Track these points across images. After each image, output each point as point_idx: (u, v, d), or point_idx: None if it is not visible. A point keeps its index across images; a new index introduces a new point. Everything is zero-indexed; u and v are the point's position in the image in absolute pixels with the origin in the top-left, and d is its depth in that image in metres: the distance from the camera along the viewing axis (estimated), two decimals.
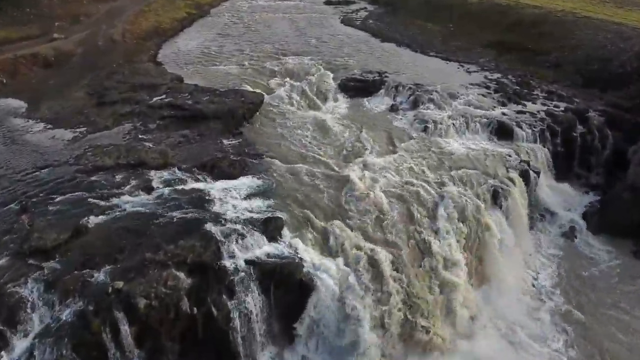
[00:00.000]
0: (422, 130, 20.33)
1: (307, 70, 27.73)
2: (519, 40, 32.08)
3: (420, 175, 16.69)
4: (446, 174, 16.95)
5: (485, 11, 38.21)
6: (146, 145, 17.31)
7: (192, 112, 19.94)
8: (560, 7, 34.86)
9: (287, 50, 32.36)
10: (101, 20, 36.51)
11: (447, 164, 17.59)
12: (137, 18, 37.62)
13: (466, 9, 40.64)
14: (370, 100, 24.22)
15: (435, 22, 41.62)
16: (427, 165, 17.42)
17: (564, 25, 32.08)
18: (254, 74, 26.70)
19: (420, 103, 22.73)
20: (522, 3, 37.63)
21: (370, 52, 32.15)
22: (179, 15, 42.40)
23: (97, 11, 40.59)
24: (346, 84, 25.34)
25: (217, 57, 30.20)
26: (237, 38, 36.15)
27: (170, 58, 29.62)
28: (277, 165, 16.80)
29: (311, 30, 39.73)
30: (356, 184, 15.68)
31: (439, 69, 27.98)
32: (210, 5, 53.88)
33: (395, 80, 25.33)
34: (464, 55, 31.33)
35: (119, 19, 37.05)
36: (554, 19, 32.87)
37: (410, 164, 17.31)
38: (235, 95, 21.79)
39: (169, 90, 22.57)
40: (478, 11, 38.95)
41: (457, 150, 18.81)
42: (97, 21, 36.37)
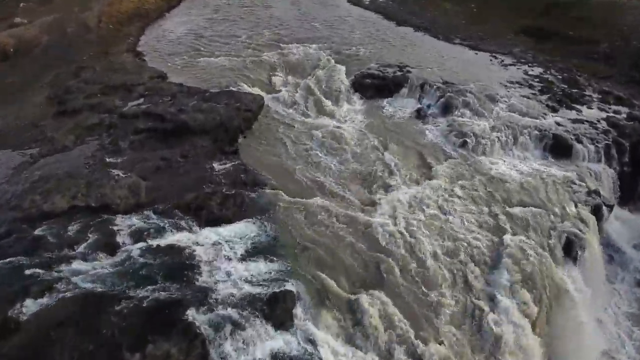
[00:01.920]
0: (460, 146, 16.47)
1: (313, 63, 23.52)
2: (556, 26, 27.75)
3: (467, 215, 12.94)
4: (500, 212, 13.22)
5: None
6: (114, 174, 13.42)
7: (174, 125, 15.96)
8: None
9: (289, 36, 27.98)
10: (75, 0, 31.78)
11: (498, 197, 13.84)
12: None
13: None
14: (391, 103, 20.20)
15: (455, 2, 36.98)
16: (474, 198, 13.67)
17: (610, 8, 27.76)
18: (251, 68, 22.47)
19: (454, 108, 18.76)
20: None
21: (385, 39, 27.80)
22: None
23: None
24: (361, 81, 21.22)
25: (208, 45, 25.83)
26: (232, 21, 31.57)
27: (153, 47, 25.26)
28: (282, 200, 13.02)
29: (315, 11, 35.07)
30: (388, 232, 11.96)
31: (469, 62, 23.82)
32: None
33: (420, 77, 21.22)
34: (494, 43, 27.05)
35: None
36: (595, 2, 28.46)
37: (453, 198, 13.54)
38: (229, 99, 17.76)
39: (148, 92, 18.49)
40: None
41: (507, 174, 15.01)
42: (70, 1, 31.63)
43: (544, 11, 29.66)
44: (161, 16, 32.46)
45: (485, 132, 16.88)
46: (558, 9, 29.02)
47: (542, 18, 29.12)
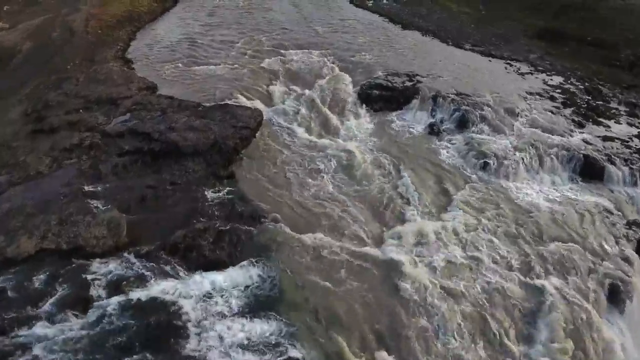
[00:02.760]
0: (481, 169, 14.86)
1: (316, 71, 21.87)
2: (572, 29, 26.18)
3: (495, 255, 11.33)
4: (531, 251, 11.62)
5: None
6: (92, 206, 11.80)
7: (163, 145, 14.31)
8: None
9: (290, 41, 26.33)
10: (63, 2, 30.05)
11: (527, 231, 12.23)
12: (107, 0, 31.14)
13: None
14: (401, 117, 18.56)
15: (462, 3, 35.35)
16: (501, 234, 12.04)
17: (629, 10, 26.17)
18: (249, 77, 20.82)
19: (470, 123, 17.15)
20: None
21: (392, 44, 26.15)
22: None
23: None
24: (368, 92, 19.56)
25: (203, 52, 24.15)
26: (229, 25, 29.87)
27: (143, 54, 23.56)
28: (284, 236, 11.43)
29: (317, 14, 33.40)
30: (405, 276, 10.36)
31: (482, 70, 22.19)
32: None
33: (431, 88, 19.58)
34: (507, 48, 25.43)
35: (85, 1, 30.58)
36: (614, 4, 26.87)
37: (477, 233, 11.93)
38: (224, 115, 16.11)
39: (136, 106, 16.81)
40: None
41: (536, 203, 13.42)
42: (59, 3, 29.90)
43: (557, 13, 28.09)
44: (154, 19, 30.75)
45: (508, 152, 15.27)
46: (573, 10, 27.43)
47: (556, 20, 27.54)
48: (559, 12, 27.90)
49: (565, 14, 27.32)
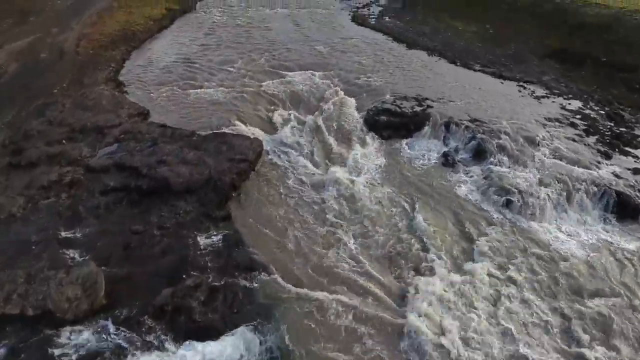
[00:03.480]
0: (504, 207, 13.44)
1: (319, 95, 20.63)
2: (587, 49, 25.05)
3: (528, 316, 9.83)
4: (569, 309, 10.12)
5: (530, 9, 31.04)
6: (67, 258, 10.37)
7: (152, 182, 12.91)
8: (634, 6, 27.71)
9: (291, 61, 25.18)
10: (56, 20, 29.00)
11: (563, 285, 10.76)
12: (101, 17, 30.12)
13: (507, 6, 33.43)
14: (412, 145, 17.23)
15: (467, 21, 34.45)
16: (533, 289, 10.57)
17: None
18: (248, 102, 19.56)
19: (488, 153, 15.79)
20: (579, 0, 30.44)
21: (397, 65, 25.01)
22: (156, 12, 34.87)
23: (53, 7, 32.99)
24: (375, 118, 18.26)
25: (200, 73, 22.94)
26: (227, 43, 28.80)
27: (137, 76, 22.33)
28: (287, 294, 9.97)
29: (318, 32, 32.41)
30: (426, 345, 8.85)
31: (495, 93, 20.95)
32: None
33: (442, 113, 18.29)
34: (520, 69, 24.27)
35: (78, 19, 29.54)
36: (631, 22, 25.81)
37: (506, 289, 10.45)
38: (221, 145, 14.76)
39: (124, 135, 15.48)
40: (523, 10, 31.77)
41: (568, 248, 11.97)
42: (50, 21, 28.85)
43: (570, 33, 27.00)
44: (150, 38, 29.68)
45: (532, 187, 13.88)
46: (587, 30, 26.32)
47: (569, 40, 26.45)
48: (571, 31, 26.85)
49: (579, 34, 26.25)
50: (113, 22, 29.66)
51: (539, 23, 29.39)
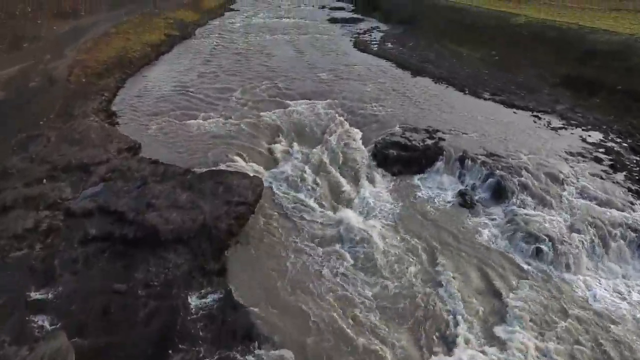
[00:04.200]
0: (533, 256, 12.01)
1: (323, 126, 19.45)
2: (599, 77, 24.08)
3: None
4: None
5: (539, 36, 30.34)
6: (34, 327, 8.84)
7: (139, 231, 11.45)
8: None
9: (293, 90, 24.17)
10: (50, 47, 28.15)
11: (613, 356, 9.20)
12: (97, 44, 29.29)
13: (511, 31, 32.83)
14: (425, 182, 15.92)
15: (472, 48, 33.82)
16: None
17: None
18: (247, 134, 18.35)
19: (509, 192, 14.44)
20: (585, 27, 29.80)
21: (404, 93, 24.00)
22: (154, 38, 34.22)
23: (49, 33, 32.30)
24: (384, 152, 17.00)
25: (197, 102, 21.85)
26: (226, 70, 27.92)
27: (131, 105, 21.20)
28: None
29: (321, 59, 31.65)
30: None
31: (509, 124, 19.81)
32: (196, 24, 45.91)
33: (456, 146, 17.06)
34: (531, 98, 23.25)
35: (73, 45, 28.71)
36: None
37: None
38: (217, 186, 13.38)
39: (111, 174, 14.13)
40: (529, 35, 31.11)
41: (613, 307, 10.48)
42: (44, 48, 27.99)
43: (580, 59, 26.11)
44: (147, 65, 28.86)
45: (563, 233, 12.49)
46: (599, 57, 25.43)
47: (581, 67, 25.53)
48: (581, 58, 25.98)
49: (591, 61, 25.36)
50: (109, 48, 28.81)
51: (547, 50, 28.60)
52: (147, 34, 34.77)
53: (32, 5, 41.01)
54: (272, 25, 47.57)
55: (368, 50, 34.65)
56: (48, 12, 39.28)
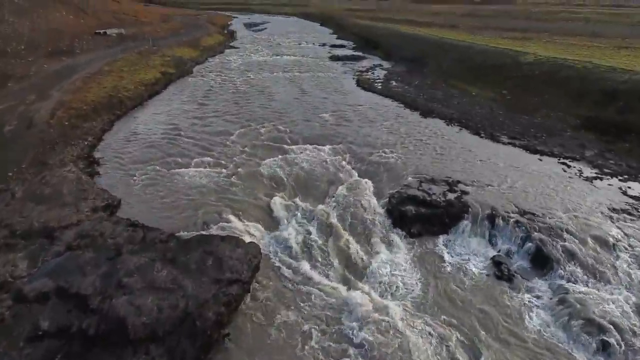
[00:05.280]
0: (599, 352, 9.57)
1: (329, 176, 17.36)
2: (625, 119, 22.35)
3: None
4: None
5: (552, 75, 28.92)
6: None
7: (102, 324, 9.04)
8: None
9: (294, 133, 22.27)
10: (36, 86, 26.47)
11: None
12: (86, 83, 27.65)
13: (522, 70, 31.47)
14: (451, 246, 13.64)
15: (481, 87, 32.38)
16: None
17: None
18: (243, 187, 16.20)
19: (554, 261, 12.15)
20: (602, 66, 28.43)
21: (415, 137, 22.09)
22: (149, 76, 32.72)
23: (39, 71, 30.78)
24: (401, 209, 14.80)
25: (189, 148, 19.84)
26: (223, 112, 26.14)
27: (115, 152, 19.17)
28: None
29: (322, 98, 30.02)
30: None
31: (536, 173, 17.75)
32: (194, 61, 44.77)
33: (482, 202, 14.92)
34: (554, 142, 21.34)
35: (61, 85, 27.05)
36: None
37: None
38: (205, 257, 11.08)
39: (80, 241, 11.83)
40: (541, 74, 29.70)
41: None
42: (30, 87, 26.29)
43: (601, 100, 24.48)
44: (139, 106, 27.09)
45: (630, 319, 10.11)
46: (620, 97, 23.79)
47: (602, 108, 23.85)
48: (602, 99, 24.35)
49: (613, 102, 23.71)
50: (99, 87, 27.15)
51: (563, 90, 27.06)
52: (142, 72, 33.33)
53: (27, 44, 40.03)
54: (272, 62, 46.55)
55: (372, 89, 33.17)
56: (42, 50, 38.17)
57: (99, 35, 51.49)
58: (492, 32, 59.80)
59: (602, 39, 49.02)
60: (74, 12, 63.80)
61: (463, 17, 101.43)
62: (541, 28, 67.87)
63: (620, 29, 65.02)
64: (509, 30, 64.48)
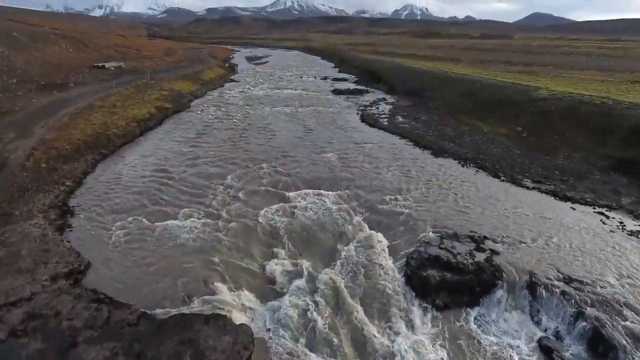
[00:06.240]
0: None
1: (335, 230, 15.13)
2: None
3: None
4: None
5: (571, 111, 27.19)
6: None
7: None
8: None
9: (295, 176, 20.20)
10: (18, 123, 24.69)
11: None
12: (73, 119, 25.89)
13: (536, 105, 29.80)
14: (484, 323, 11.25)
15: (494, 123, 30.62)
16: None
17: None
18: (235, 244, 13.94)
19: (618, 349, 9.73)
20: (623, 101, 26.75)
21: (428, 179, 19.99)
22: (143, 111, 31.08)
23: (26, 106, 29.15)
24: (422, 275, 12.46)
25: (177, 195, 17.71)
26: (219, 151, 24.20)
27: (94, 200, 17.01)
28: None
29: (325, 136, 28.19)
30: None
31: (573, 226, 15.51)
32: (193, 95, 43.43)
33: (517, 265, 12.63)
34: (584, 187, 19.20)
35: (45, 122, 25.29)
36: None
37: None
38: (181, 350, 8.77)
39: (28, 322, 9.49)
40: (557, 110, 27.98)
41: None
42: (12, 124, 24.49)
43: (628, 138, 22.57)
44: (129, 144, 25.19)
45: None
46: None
47: (631, 147, 21.86)
48: (629, 137, 22.47)
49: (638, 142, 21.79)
50: (87, 124, 25.38)
51: (584, 128, 25.23)
52: (136, 108, 31.73)
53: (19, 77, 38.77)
54: (273, 96, 45.25)
55: (378, 125, 31.42)
56: (34, 84, 36.83)
57: (97, 68, 50.64)
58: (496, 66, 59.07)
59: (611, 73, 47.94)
60: (74, 45, 63.53)
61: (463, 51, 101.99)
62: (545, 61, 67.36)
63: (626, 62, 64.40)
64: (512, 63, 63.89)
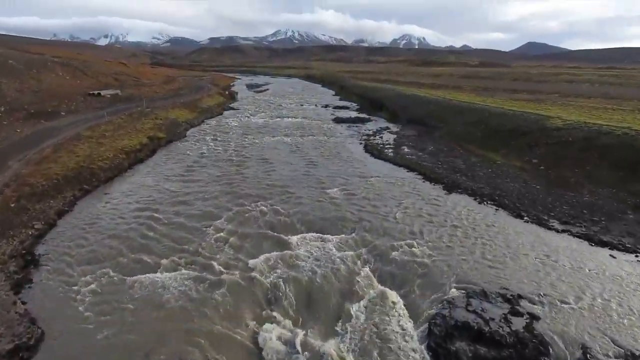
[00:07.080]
0: None
1: (341, 284, 12.92)
2: None
3: None
4: None
5: (590, 143, 25.34)
6: None
7: None
8: None
9: (295, 216, 18.09)
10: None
11: None
12: (56, 151, 24.01)
13: (551, 136, 28.00)
14: None
15: (506, 155, 28.76)
16: None
17: None
18: (223, 305, 11.74)
19: None
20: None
21: (444, 220, 17.87)
22: (133, 142, 29.24)
23: (8, 137, 27.37)
24: (450, 349, 10.21)
25: (160, 240, 15.57)
26: (212, 186, 22.18)
27: (64, 247, 14.83)
28: None
29: (328, 168, 26.23)
30: None
31: (618, 279, 13.34)
32: (189, 123, 41.80)
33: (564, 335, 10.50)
34: (620, 230, 17.06)
35: (24, 154, 23.42)
36: None
37: None
38: None
39: None
40: (576, 141, 26.15)
41: None
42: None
43: None
44: (115, 178, 23.17)
45: None
46: None
47: None
48: None
49: None
50: (70, 157, 23.48)
51: (607, 161, 23.33)
52: (127, 138, 29.95)
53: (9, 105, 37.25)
54: (273, 125, 43.68)
55: (383, 157, 29.55)
56: (22, 113, 35.22)
57: (93, 96, 49.36)
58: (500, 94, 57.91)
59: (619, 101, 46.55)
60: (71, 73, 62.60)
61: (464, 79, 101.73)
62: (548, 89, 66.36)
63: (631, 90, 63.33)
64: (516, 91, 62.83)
